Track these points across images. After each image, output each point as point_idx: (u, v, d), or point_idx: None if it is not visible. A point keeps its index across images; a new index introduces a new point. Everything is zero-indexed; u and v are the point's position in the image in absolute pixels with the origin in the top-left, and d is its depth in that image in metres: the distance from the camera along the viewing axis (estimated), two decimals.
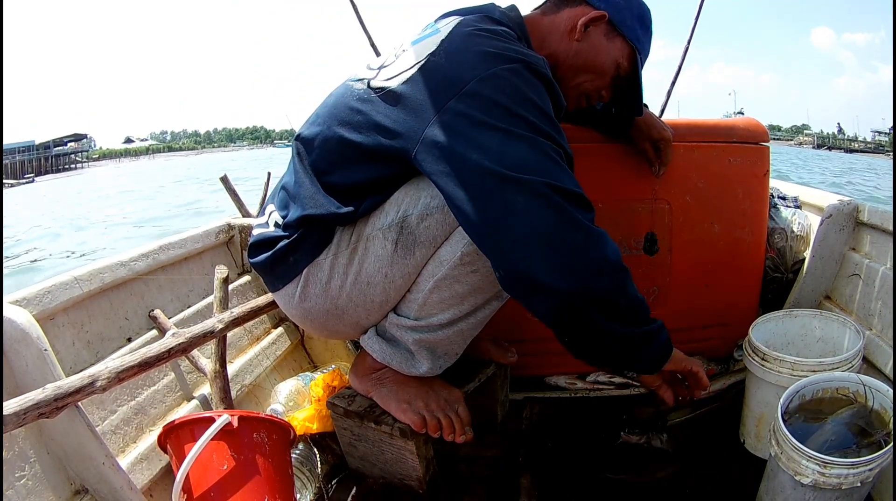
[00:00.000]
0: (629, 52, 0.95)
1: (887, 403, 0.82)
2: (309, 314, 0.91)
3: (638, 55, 0.96)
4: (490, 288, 0.87)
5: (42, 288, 0.93)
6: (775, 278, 1.41)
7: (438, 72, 0.77)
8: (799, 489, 0.79)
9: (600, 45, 0.93)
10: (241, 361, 1.28)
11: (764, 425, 1.04)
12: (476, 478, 1.04)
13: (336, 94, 0.90)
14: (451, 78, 0.76)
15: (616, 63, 0.95)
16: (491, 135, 0.72)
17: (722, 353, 1.37)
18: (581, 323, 0.74)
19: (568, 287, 0.70)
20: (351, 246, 0.85)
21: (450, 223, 0.82)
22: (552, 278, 0.70)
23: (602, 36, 0.93)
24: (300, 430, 1.05)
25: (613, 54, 0.94)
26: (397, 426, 0.95)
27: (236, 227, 1.48)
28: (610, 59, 0.94)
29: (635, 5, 0.95)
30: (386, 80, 0.82)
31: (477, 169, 0.71)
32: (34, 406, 0.72)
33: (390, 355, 0.93)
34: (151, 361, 0.89)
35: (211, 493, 0.82)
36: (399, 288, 0.87)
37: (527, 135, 0.72)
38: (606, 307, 0.74)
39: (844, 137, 73.69)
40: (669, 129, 1.16)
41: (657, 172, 1.19)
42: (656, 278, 1.29)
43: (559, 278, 0.70)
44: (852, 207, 1.30)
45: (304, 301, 0.90)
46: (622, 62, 0.95)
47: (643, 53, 0.97)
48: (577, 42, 0.93)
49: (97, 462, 0.84)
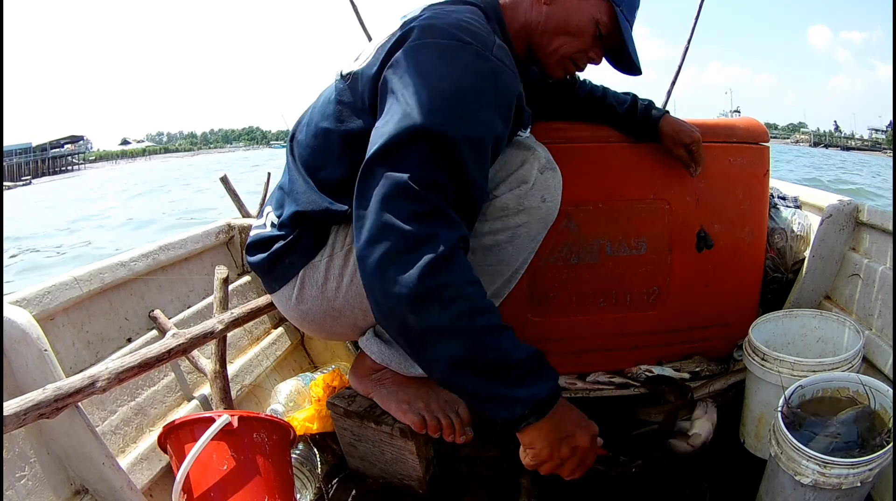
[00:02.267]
0: (607, 7, 0.90)
1: (887, 403, 0.82)
2: (306, 315, 0.91)
3: (618, 9, 0.91)
4: (487, 287, 0.87)
5: (42, 288, 0.93)
6: (775, 278, 1.41)
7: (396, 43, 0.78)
8: (799, 489, 0.79)
9: (571, 5, 0.90)
10: (241, 361, 1.28)
11: (764, 425, 1.04)
12: (476, 478, 1.04)
13: (324, 93, 0.92)
14: (396, 46, 0.77)
15: (594, 20, 0.90)
16: (392, 101, 0.72)
17: (722, 353, 1.37)
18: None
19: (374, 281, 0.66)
20: (346, 247, 0.86)
21: None
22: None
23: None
24: (300, 430, 1.05)
25: (588, 11, 0.90)
26: (397, 426, 0.95)
27: (236, 227, 1.49)
28: (585, 16, 0.90)
29: None
30: (356, 61, 0.84)
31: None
32: (34, 407, 0.72)
33: (389, 355, 0.93)
34: (151, 361, 0.89)
35: (211, 493, 0.82)
36: None
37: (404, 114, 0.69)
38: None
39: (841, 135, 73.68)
40: (697, 129, 1.16)
41: (694, 172, 1.20)
42: (656, 278, 1.29)
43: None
44: (852, 207, 1.30)
45: (300, 303, 0.90)
46: (601, 18, 0.90)
47: (623, 5, 0.91)
48: (546, 6, 0.90)
49: (97, 463, 0.84)
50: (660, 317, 1.32)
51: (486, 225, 0.86)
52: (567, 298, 1.29)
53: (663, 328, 1.34)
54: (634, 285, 1.29)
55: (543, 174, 0.91)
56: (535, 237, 0.92)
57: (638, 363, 1.34)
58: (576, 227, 1.24)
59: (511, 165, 0.88)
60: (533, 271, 1.25)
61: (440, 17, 0.79)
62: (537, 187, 0.89)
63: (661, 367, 1.33)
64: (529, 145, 0.92)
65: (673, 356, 1.37)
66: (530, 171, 0.88)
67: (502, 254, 0.89)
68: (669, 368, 1.33)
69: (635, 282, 1.29)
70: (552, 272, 1.26)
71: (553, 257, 1.26)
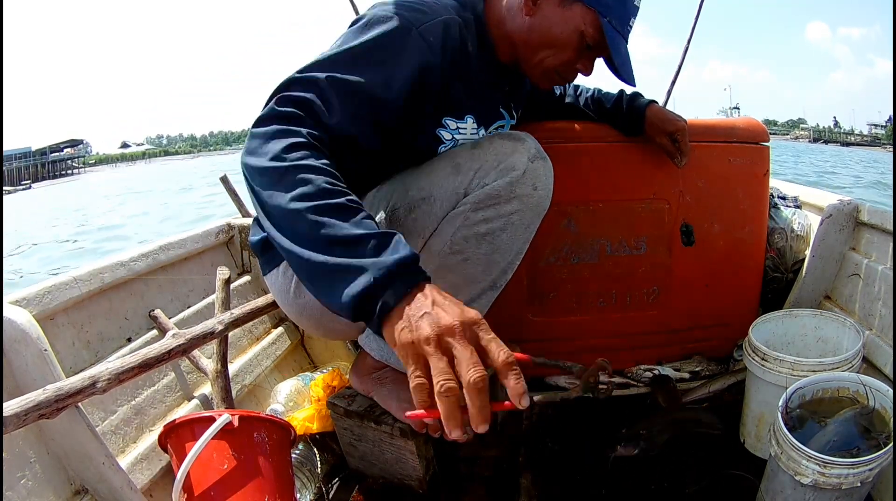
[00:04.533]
0: (592, 18, 0.86)
1: (887, 403, 0.82)
2: (304, 310, 0.91)
3: (604, 19, 0.87)
4: (483, 277, 0.87)
5: (42, 288, 0.93)
6: (775, 278, 1.41)
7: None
8: (799, 489, 0.79)
9: (554, 17, 0.87)
10: (241, 361, 1.28)
11: (764, 425, 1.04)
12: (476, 478, 1.04)
13: None
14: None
15: (578, 32, 0.87)
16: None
17: (722, 353, 1.37)
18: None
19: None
20: None
21: (437, 214, 0.82)
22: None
23: (555, 6, 0.87)
24: (300, 430, 1.05)
25: (572, 23, 0.87)
26: (397, 426, 0.95)
27: (236, 227, 1.49)
28: (568, 29, 0.87)
29: None
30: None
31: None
32: (35, 407, 0.72)
33: (388, 352, 0.93)
34: (151, 362, 0.89)
35: (211, 493, 0.82)
36: None
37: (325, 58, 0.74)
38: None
39: (841, 130, 73.50)
40: (682, 118, 1.14)
41: (679, 163, 1.16)
42: (656, 278, 1.29)
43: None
44: (852, 207, 1.30)
45: (298, 297, 0.90)
46: (586, 29, 0.87)
47: (612, 15, 0.87)
48: (528, 17, 0.88)
49: (97, 463, 0.84)
50: (660, 317, 1.32)
51: (479, 213, 0.86)
52: (567, 298, 1.29)
53: (663, 328, 1.34)
54: (634, 284, 1.29)
55: (534, 163, 0.89)
56: (528, 226, 0.91)
57: (638, 363, 1.34)
58: (576, 227, 1.24)
59: (501, 154, 0.87)
60: (533, 271, 1.26)
61: None
62: (528, 176, 0.88)
63: (662, 367, 1.33)
64: (519, 136, 0.91)
65: (673, 356, 1.37)
66: (520, 159, 0.88)
67: (497, 242, 0.88)
68: (669, 368, 1.33)
69: (635, 282, 1.29)
70: (552, 272, 1.26)
71: (553, 257, 1.26)
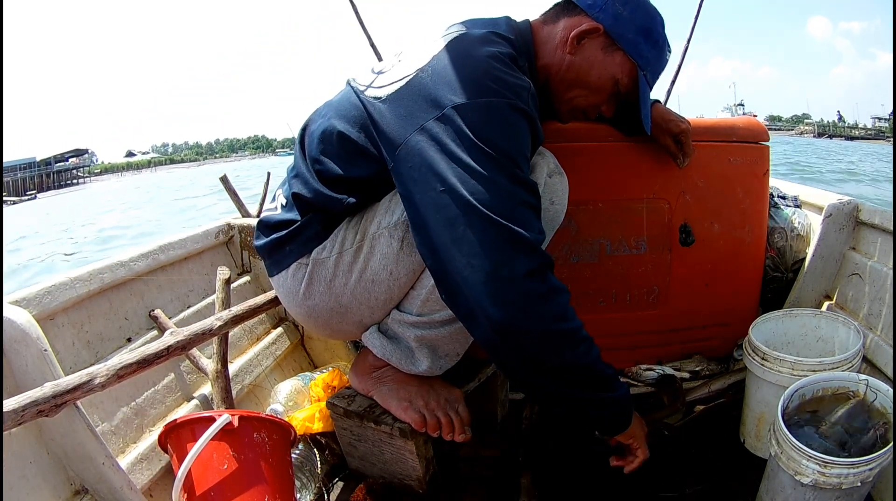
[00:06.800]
0: (630, 68, 0.89)
1: (888, 403, 0.82)
2: (312, 311, 0.92)
3: (641, 72, 0.89)
4: None
5: (42, 288, 0.93)
6: (775, 277, 1.41)
7: (421, 90, 0.77)
8: (799, 489, 0.79)
9: (595, 60, 0.88)
10: (241, 361, 1.28)
11: (764, 425, 1.04)
12: (476, 478, 1.04)
13: (341, 93, 0.92)
14: (430, 99, 0.76)
15: (613, 79, 0.89)
16: (455, 166, 0.72)
17: (722, 353, 1.37)
18: (512, 359, 0.76)
19: (500, 318, 0.71)
20: (356, 245, 0.86)
21: None
22: (486, 306, 0.71)
23: (598, 50, 0.88)
24: (300, 430, 1.05)
25: (611, 70, 0.89)
26: (397, 425, 0.95)
27: (236, 227, 1.49)
28: (606, 74, 0.89)
29: (640, 17, 0.88)
30: (379, 88, 0.83)
31: (440, 197, 0.72)
32: (32, 404, 0.72)
33: (390, 351, 0.93)
34: (150, 359, 0.89)
35: (211, 493, 0.82)
36: (403, 286, 0.87)
37: (484, 173, 0.72)
38: (536, 357, 0.75)
39: (845, 124, 73.43)
40: (686, 120, 1.15)
41: (682, 163, 1.18)
42: (656, 278, 1.29)
43: (492, 307, 0.71)
44: (852, 206, 1.30)
45: (308, 299, 0.90)
46: (622, 78, 0.89)
47: (649, 70, 0.90)
48: (570, 55, 0.89)
49: (97, 462, 0.84)
50: (660, 317, 1.32)
51: None
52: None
53: (663, 328, 1.34)
54: (634, 284, 1.29)
55: (552, 179, 0.93)
56: None
57: (638, 363, 1.34)
58: (576, 226, 1.24)
59: None
60: None
61: (470, 63, 0.78)
62: (546, 191, 0.91)
63: (662, 367, 1.33)
64: (539, 151, 0.94)
65: (673, 355, 1.37)
66: (540, 175, 0.90)
67: None
68: (669, 367, 1.33)
69: (635, 282, 1.29)
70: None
71: (553, 257, 1.26)
